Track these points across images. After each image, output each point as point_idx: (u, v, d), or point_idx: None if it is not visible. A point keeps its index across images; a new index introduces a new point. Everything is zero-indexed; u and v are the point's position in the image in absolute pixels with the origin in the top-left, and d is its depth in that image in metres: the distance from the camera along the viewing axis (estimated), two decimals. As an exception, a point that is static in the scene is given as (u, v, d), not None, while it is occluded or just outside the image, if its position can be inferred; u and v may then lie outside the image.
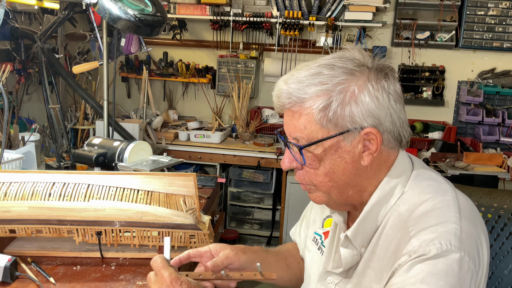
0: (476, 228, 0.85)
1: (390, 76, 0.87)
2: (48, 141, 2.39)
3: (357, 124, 0.83)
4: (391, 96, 0.85)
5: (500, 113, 3.05)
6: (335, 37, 3.15)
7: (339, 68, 0.85)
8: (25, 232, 1.22)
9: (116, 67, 3.02)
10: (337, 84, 0.83)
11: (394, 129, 0.86)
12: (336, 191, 0.90)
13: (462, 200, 0.89)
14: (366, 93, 0.83)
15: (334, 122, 0.84)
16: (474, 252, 0.81)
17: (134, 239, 1.23)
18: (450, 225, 0.81)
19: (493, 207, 1.30)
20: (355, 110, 0.83)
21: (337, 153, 0.86)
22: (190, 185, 1.23)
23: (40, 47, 2.00)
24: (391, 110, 0.85)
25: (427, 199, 0.86)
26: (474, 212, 0.90)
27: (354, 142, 0.85)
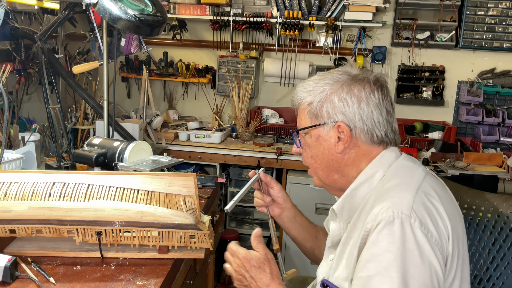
0: (435, 203, 1.00)
1: (366, 85, 1.10)
2: (48, 141, 2.39)
3: (331, 118, 1.10)
4: (362, 100, 1.08)
5: (500, 113, 3.05)
6: (335, 37, 3.15)
7: (327, 77, 1.14)
8: (25, 232, 1.22)
9: (116, 67, 3.02)
10: (321, 86, 1.13)
11: (364, 127, 1.09)
12: (321, 172, 1.16)
13: (430, 181, 1.06)
14: (336, 96, 1.10)
15: (316, 114, 1.12)
16: (428, 221, 0.95)
17: (134, 239, 1.23)
18: (406, 196, 0.98)
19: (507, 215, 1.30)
20: (329, 108, 1.10)
21: (318, 141, 1.14)
22: (190, 185, 1.23)
23: (40, 47, 2.00)
24: (359, 111, 1.08)
25: (397, 178, 1.05)
26: (440, 192, 1.05)
27: (330, 133, 1.11)
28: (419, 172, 1.08)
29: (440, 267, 0.94)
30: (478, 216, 1.35)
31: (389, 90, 1.15)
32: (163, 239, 1.23)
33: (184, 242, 1.25)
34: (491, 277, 1.30)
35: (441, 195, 1.04)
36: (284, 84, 3.29)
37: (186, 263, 1.36)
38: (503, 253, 1.29)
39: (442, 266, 0.94)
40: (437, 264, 0.93)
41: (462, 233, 1.06)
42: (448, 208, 1.02)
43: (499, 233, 1.30)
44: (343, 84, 1.10)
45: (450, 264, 0.98)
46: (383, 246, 0.92)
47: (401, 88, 3.25)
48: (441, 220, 0.98)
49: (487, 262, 1.32)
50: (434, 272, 0.92)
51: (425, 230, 0.93)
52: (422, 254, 0.92)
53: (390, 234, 0.92)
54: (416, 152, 2.80)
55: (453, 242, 0.99)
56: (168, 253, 1.26)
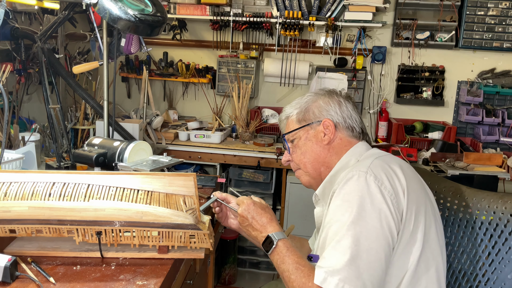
0: (391, 163, 1.19)
1: (342, 95, 1.38)
2: (48, 141, 2.39)
3: (317, 117, 1.34)
4: (341, 103, 1.34)
5: (500, 113, 3.05)
6: (335, 37, 3.15)
7: (308, 95, 1.41)
8: (25, 232, 1.22)
9: (116, 67, 3.02)
10: (305, 99, 1.39)
11: (345, 123, 1.32)
12: (310, 166, 1.34)
13: (392, 157, 1.25)
14: (321, 100, 1.35)
15: (304, 118, 1.36)
16: (383, 176, 1.12)
17: (134, 239, 1.23)
18: (364, 162, 1.18)
19: (503, 212, 1.32)
20: (315, 110, 1.35)
21: (307, 138, 1.34)
22: (190, 185, 1.23)
23: (40, 47, 2.00)
24: (340, 111, 1.33)
25: (363, 161, 1.22)
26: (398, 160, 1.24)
27: (317, 130, 1.33)
28: (382, 153, 1.27)
29: (392, 215, 1.08)
30: (475, 214, 1.38)
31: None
32: (163, 239, 1.23)
33: (184, 242, 1.25)
34: (486, 272, 1.33)
35: (403, 166, 1.20)
36: (284, 84, 3.29)
37: (186, 263, 1.36)
38: (498, 248, 1.32)
39: (394, 215, 1.08)
40: (387, 211, 1.07)
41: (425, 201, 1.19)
42: (408, 175, 1.18)
43: (495, 229, 1.34)
44: (324, 94, 1.37)
45: (406, 218, 1.11)
46: (342, 197, 1.11)
47: (401, 88, 3.25)
48: (397, 179, 1.14)
49: (482, 258, 1.35)
50: (384, 218, 1.06)
51: (379, 182, 1.10)
52: (373, 201, 1.07)
53: (348, 186, 1.11)
54: (416, 152, 2.80)
55: (409, 200, 1.12)
56: (168, 253, 1.26)
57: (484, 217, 1.35)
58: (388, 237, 1.06)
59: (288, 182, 2.89)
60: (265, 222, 1.25)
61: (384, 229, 1.06)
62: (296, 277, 1.08)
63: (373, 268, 1.02)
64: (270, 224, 1.24)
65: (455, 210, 1.43)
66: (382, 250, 1.04)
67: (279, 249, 1.16)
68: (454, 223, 1.43)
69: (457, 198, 1.43)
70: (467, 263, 1.38)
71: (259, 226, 1.25)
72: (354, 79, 3.22)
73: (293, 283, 1.08)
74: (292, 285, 1.08)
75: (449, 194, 1.45)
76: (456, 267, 1.40)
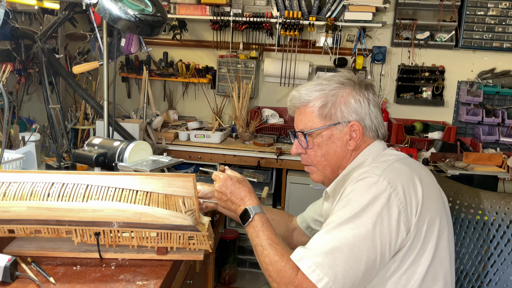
0: (411, 170, 1.14)
1: (369, 88, 1.24)
2: (48, 141, 2.39)
3: (345, 118, 1.21)
4: (370, 101, 1.22)
5: (500, 113, 3.05)
6: (335, 37, 3.15)
7: (333, 82, 1.24)
8: (24, 232, 1.22)
9: (116, 67, 3.02)
10: (331, 90, 1.22)
11: (372, 125, 1.23)
12: (329, 169, 1.27)
13: (410, 160, 1.21)
14: (352, 97, 1.21)
15: (329, 116, 1.22)
16: (397, 182, 1.08)
17: (133, 240, 1.23)
18: (381, 164, 1.15)
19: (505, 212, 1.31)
20: (343, 108, 1.21)
21: (331, 140, 1.24)
22: (189, 186, 1.23)
23: (40, 47, 2.00)
24: (369, 111, 1.22)
25: (379, 161, 1.18)
26: (419, 167, 1.20)
27: (343, 132, 1.22)
28: (401, 155, 1.22)
29: (391, 225, 1.05)
30: (478, 214, 1.37)
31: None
32: (162, 240, 1.23)
33: (183, 244, 1.24)
34: (488, 273, 1.32)
35: (422, 175, 1.16)
36: (284, 84, 3.29)
37: (186, 263, 1.36)
38: (500, 249, 1.31)
39: (394, 225, 1.05)
40: (387, 219, 1.04)
41: (440, 211, 1.15)
42: (426, 184, 1.14)
43: (497, 230, 1.32)
44: (354, 86, 1.22)
45: (416, 229, 1.08)
46: (348, 195, 1.09)
47: (401, 88, 3.25)
48: (414, 191, 1.09)
49: (484, 259, 1.34)
50: (379, 223, 1.04)
51: (391, 188, 1.07)
52: (375, 205, 1.05)
53: (358, 185, 1.09)
54: (416, 152, 2.80)
55: (422, 212, 1.09)
56: (166, 254, 1.26)
57: (486, 217, 1.35)
58: (376, 243, 1.04)
59: (288, 182, 2.89)
60: (243, 196, 1.25)
61: (375, 234, 1.03)
62: (268, 253, 1.11)
63: (349, 265, 1.01)
64: (248, 197, 1.25)
65: (457, 210, 1.42)
66: (365, 252, 1.03)
67: (255, 223, 1.19)
68: (456, 223, 1.42)
69: (459, 198, 1.42)
70: (468, 263, 1.37)
71: (238, 199, 1.26)
72: (354, 79, 3.21)
73: (265, 258, 1.11)
74: (264, 259, 1.12)
75: (451, 194, 1.44)
76: (457, 267, 1.39)
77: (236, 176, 1.31)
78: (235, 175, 1.31)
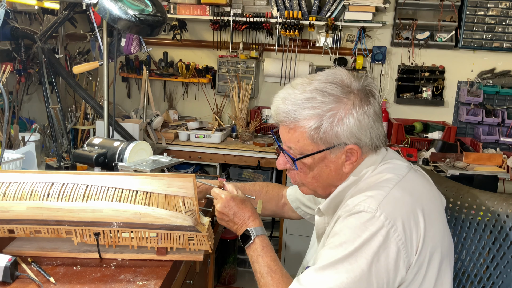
0: (412, 200, 1.02)
1: (371, 99, 1.06)
2: (48, 141, 2.39)
3: (341, 141, 1.04)
4: (371, 118, 1.05)
5: (500, 113, 3.05)
6: (335, 37, 3.15)
7: (329, 95, 1.04)
8: (23, 232, 1.22)
9: (116, 67, 3.02)
10: (327, 110, 1.03)
11: (372, 143, 1.07)
12: (321, 189, 1.15)
13: (412, 180, 1.08)
14: (351, 117, 1.03)
15: (323, 139, 1.04)
16: (397, 215, 0.97)
17: (132, 240, 1.23)
18: (378, 192, 1.01)
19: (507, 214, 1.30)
20: (340, 131, 1.03)
21: (324, 163, 1.09)
22: (189, 186, 1.23)
23: (40, 47, 2.00)
24: (370, 129, 1.06)
25: (379, 177, 1.06)
26: (422, 192, 1.07)
27: (338, 155, 1.07)
28: (401, 169, 1.09)
29: (388, 265, 0.96)
30: (479, 215, 1.35)
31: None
32: (162, 240, 1.23)
33: (183, 244, 1.24)
34: (490, 275, 1.31)
35: (422, 191, 1.07)
36: (284, 84, 3.29)
37: (186, 263, 1.36)
38: (503, 252, 1.29)
39: (392, 265, 0.96)
40: (384, 260, 0.95)
41: (442, 237, 1.07)
42: (429, 211, 1.03)
43: (499, 232, 1.30)
44: (354, 101, 1.04)
45: (417, 264, 1.00)
46: (343, 230, 0.99)
47: (401, 88, 3.24)
48: (415, 226, 0.99)
49: (487, 261, 1.32)
50: (375, 263, 0.95)
51: (389, 224, 0.96)
52: (371, 245, 0.95)
53: (353, 221, 0.98)
54: (416, 152, 2.80)
55: (424, 246, 1.00)
56: (166, 255, 1.26)
57: (487, 218, 1.33)
58: (372, 284, 0.96)
59: (288, 182, 2.89)
60: (247, 217, 1.22)
61: (371, 275, 0.96)
62: (266, 281, 1.10)
63: None
64: (252, 218, 1.22)
65: (457, 210, 1.41)
66: None
67: (256, 245, 1.17)
68: (457, 224, 1.41)
69: (460, 198, 1.40)
70: (470, 265, 1.36)
71: (240, 221, 1.23)
72: (354, 79, 3.21)
73: (262, 286, 1.10)
74: (261, 287, 1.11)
75: (451, 195, 1.42)
76: (459, 269, 1.38)
77: (239, 196, 1.26)
78: (238, 194, 1.27)
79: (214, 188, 1.29)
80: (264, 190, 1.54)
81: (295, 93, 1.06)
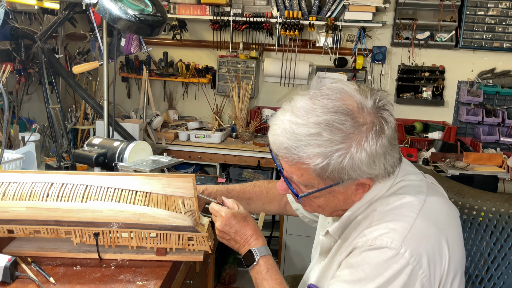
0: (438, 232, 0.95)
1: (385, 126, 0.92)
2: (48, 141, 2.39)
3: (352, 177, 0.93)
4: (386, 147, 0.92)
5: (500, 113, 3.04)
6: (335, 37, 3.15)
7: (338, 130, 0.89)
8: (23, 233, 1.22)
9: (116, 67, 3.01)
10: (336, 150, 0.89)
11: (385, 172, 0.96)
12: (327, 213, 1.07)
13: (434, 204, 0.99)
14: (364, 153, 0.90)
15: (331, 177, 0.93)
16: (422, 251, 0.90)
17: (132, 240, 1.23)
18: (402, 224, 0.92)
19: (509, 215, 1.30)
20: (351, 168, 0.91)
21: (331, 194, 0.99)
22: (189, 187, 1.23)
23: (40, 47, 2.00)
24: (385, 161, 0.93)
25: (398, 199, 0.97)
26: (444, 218, 1.00)
27: (348, 186, 0.96)
28: (420, 189, 1.01)
29: None
30: (480, 215, 1.35)
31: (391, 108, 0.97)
32: (161, 241, 1.23)
33: (182, 245, 1.24)
34: (492, 276, 1.30)
35: (444, 220, 0.99)
36: (284, 84, 3.29)
37: (186, 263, 1.36)
38: (504, 252, 1.29)
39: None
40: None
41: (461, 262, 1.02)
42: (452, 241, 0.97)
43: (501, 233, 1.30)
44: (366, 135, 0.90)
45: None
46: (363, 265, 0.91)
47: (401, 88, 3.24)
48: (440, 260, 0.93)
49: (488, 262, 1.32)
50: None
51: (415, 261, 0.89)
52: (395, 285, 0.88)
53: (373, 257, 0.90)
54: (416, 152, 2.80)
55: (447, 276, 0.95)
56: (166, 255, 1.26)
57: (489, 219, 1.33)
58: None
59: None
60: (249, 235, 1.15)
61: None
62: None
63: None
64: (254, 236, 1.15)
65: (459, 211, 1.40)
66: None
67: (260, 268, 1.11)
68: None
69: (461, 199, 1.40)
70: (471, 266, 1.36)
71: (242, 239, 1.15)
72: (354, 79, 3.21)
73: None
74: None
75: (452, 195, 1.42)
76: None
77: (240, 212, 1.18)
78: (239, 211, 1.18)
79: (213, 204, 1.21)
80: (265, 191, 1.49)
81: (298, 123, 0.91)
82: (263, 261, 1.11)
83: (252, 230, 1.16)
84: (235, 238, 1.16)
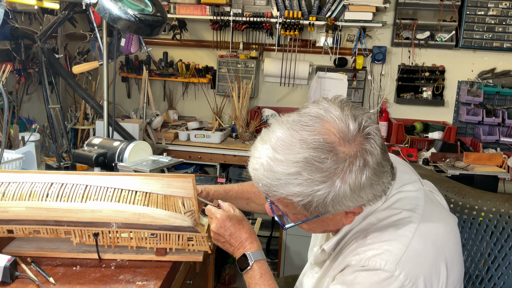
0: (436, 252, 0.91)
1: (371, 152, 0.85)
2: (48, 141, 2.39)
3: (338, 209, 0.89)
4: (372, 177, 0.86)
5: (500, 113, 3.04)
6: (335, 37, 3.15)
7: (318, 170, 0.83)
8: (22, 233, 1.22)
9: (116, 67, 3.02)
10: (316, 190, 0.84)
11: (375, 198, 0.91)
12: (318, 233, 1.11)
13: (431, 219, 0.96)
14: (348, 188, 0.85)
15: (317, 209, 0.88)
16: (418, 273, 0.87)
17: (132, 240, 1.23)
18: (396, 244, 0.89)
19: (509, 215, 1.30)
20: (337, 204, 0.87)
21: (320, 220, 0.95)
22: (189, 187, 1.22)
23: (40, 47, 2.00)
24: (372, 190, 0.88)
25: (394, 214, 0.95)
26: (443, 234, 0.96)
27: (336, 215, 0.93)
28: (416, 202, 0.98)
29: None
30: (480, 216, 1.35)
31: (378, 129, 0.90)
32: (161, 241, 1.23)
33: (182, 245, 1.24)
34: (492, 277, 1.30)
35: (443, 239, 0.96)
36: (284, 84, 3.29)
37: (186, 263, 1.36)
38: (505, 253, 1.29)
39: None
40: None
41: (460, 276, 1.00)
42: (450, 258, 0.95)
43: (501, 233, 1.30)
44: (350, 168, 0.84)
45: None
46: (354, 283, 0.88)
47: (401, 88, 3.24)
48: (437, 281, 0.91)
49: (488, 262, 1.32)
50: None
51: (411, 283, 0.87)
52: None
53: (367, 279, 0.88)
54: (416, 152, 2.80)
55: None
56: (165, 255, 1.26)
57: (489, 219, 1.33)
58: None
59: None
60: (244, 239, 1.14)
61: None
62: None
63: None
64: (249, 240, 1.14)
65: (459, 211, 1.40)
66: None
67: (253, 272, 1.10)
68: (458, 225, 1.40)
69: (461, 199, 1.39)
70: (471, 266, 1.36)
71: (237, 242, 1.15)
72: (354, 79, 3.21)
73: None
74: None
75: (453, 195, 1.42)
76: (460, 269, 1.38)
77: (236, 215, 1.17)
78: (235, 213, 1.17)
79: (209, 206, 1.20)
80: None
81: (276, 160, 0.86)
82: (257, 266, 1.11)
83: (247, 233, 1.15)
84: (229, 241, 1.15)
